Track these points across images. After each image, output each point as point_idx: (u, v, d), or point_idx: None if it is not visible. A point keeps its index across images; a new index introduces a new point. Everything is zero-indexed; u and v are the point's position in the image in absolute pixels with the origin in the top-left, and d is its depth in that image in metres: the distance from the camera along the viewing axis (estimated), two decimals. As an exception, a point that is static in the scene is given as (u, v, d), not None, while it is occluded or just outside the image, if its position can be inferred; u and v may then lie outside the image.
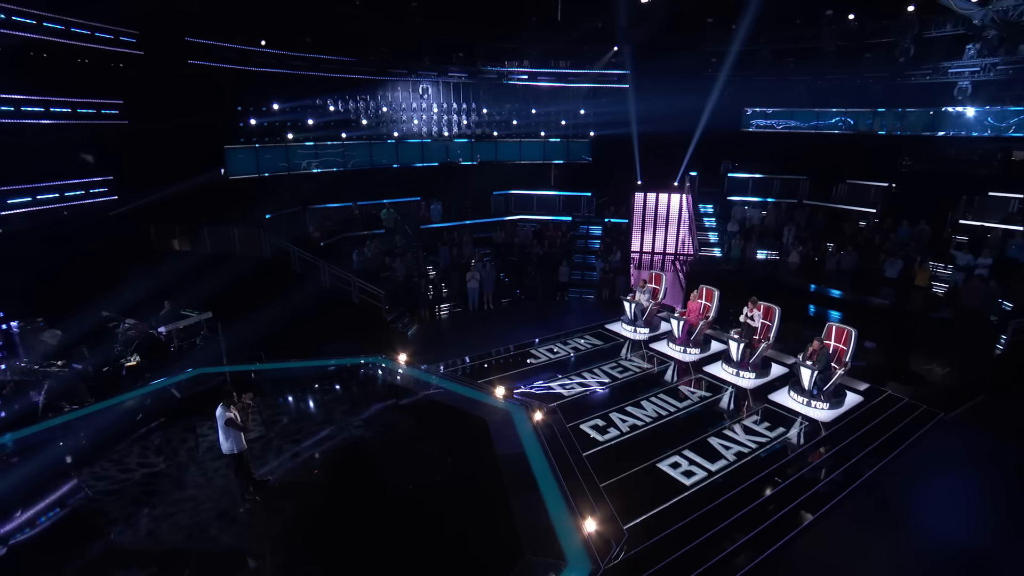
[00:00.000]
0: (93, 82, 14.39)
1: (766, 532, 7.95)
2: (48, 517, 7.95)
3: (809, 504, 8.60)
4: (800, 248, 17.35)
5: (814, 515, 8.39)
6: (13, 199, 12.76)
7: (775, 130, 23.16)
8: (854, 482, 9.16)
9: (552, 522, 7.50)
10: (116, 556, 7.19)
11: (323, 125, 20.10)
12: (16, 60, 12.60)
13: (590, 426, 10.50)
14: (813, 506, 8.57)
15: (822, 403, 11.01)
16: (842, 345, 11.45)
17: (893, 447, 10.15)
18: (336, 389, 11.90)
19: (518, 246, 20.99)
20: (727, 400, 11.71)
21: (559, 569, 6.72)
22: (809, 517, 8.35)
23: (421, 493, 8.23)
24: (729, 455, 9.59)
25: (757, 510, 8.35)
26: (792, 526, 8.16)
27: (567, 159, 25.09)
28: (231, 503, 8.09)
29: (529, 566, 6.77)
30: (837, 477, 9.28)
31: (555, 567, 6.75)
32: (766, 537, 7.85)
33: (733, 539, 7.76)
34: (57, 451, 9.41)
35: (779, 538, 7.86)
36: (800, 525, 8.19)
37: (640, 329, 15.16)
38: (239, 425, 7.98)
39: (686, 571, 7.14)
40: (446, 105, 23.04)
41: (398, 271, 17.79)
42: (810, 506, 8.56)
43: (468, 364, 13.47)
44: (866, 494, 9.01)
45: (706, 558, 7.38)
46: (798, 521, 8.27)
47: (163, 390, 11.46)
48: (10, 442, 9.63)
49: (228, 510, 7.98)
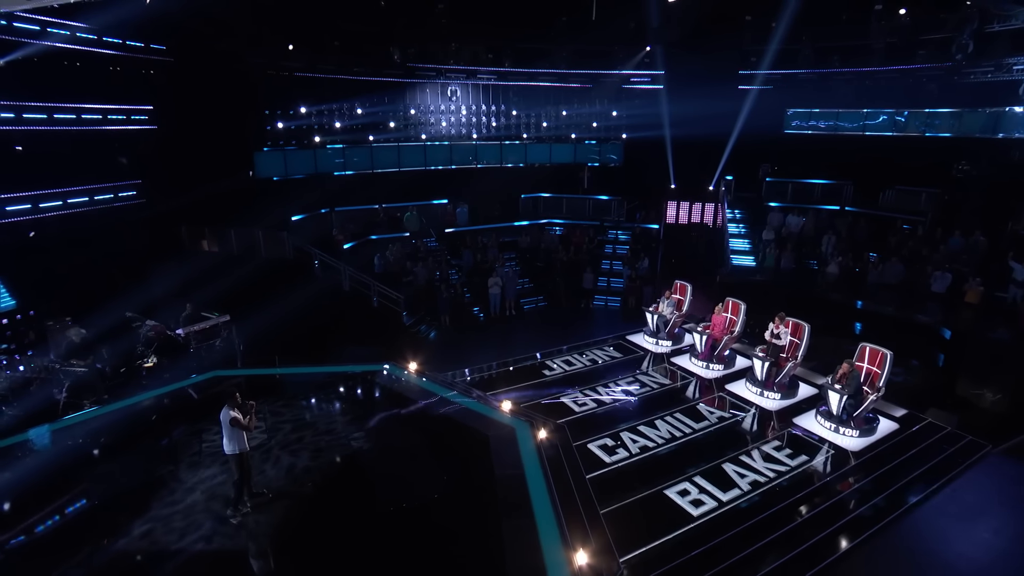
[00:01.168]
0: (124, 89, 14.84)
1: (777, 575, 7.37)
2: (50, 517, 8.10)
3: (829, 544, 7.93)
4: (839, 258, 16.32)
5: (833, 557, 7.73)
6: (45, 203, 13.24)
7: (818, 132, 21.95)
8: (883, 520, 8.41)
9: (542, 551, 7.13)
10: (106, 556, 7.22)
11: (350, 128, 20.21)
12: (50, 69, 13.07)
13: (598, 446, 10.06)
14: (833, 547, 7.90)
15: (851, 430, 10.21)
16: (876, 368, 10.61)
17: (931, 482, 9.33)
18: (342, 396, 11.83)
19: (543, 251, 20.62)
20: (748, 422, 11.05)
21: (543, 605, 6.36)
22: (828, 559, 7.69)
23: (413, 511, 8.00)
24: (744, 484, 8.98)
25: (769, 548, 7.75)
26: (808, 567, 7.53)
27: (598, 162, 24.54)
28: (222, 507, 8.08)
29: (512, 600, 6.44)
30: (864, 514, 8.56)
31: (539, 602, 6.39)
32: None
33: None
34: (68, 450, 9.65)
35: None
36: (817, 567, 7.55)
37: (662, 342, 14.55)
38: (243, 425, 7.97)
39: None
40: (474, 107, 22.83)
41: (419, 275, 17.70)
42: (830, 547, 7.89)
43: (480, 374, 13.22)
44: (896, 536, 8.25)
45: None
46: (815, 562, 7.63)
47: (178, 391, 11.62)
48: (41, 434, 9.96)
49: (219, 514, 7.97)
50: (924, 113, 19.84)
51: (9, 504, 8.37)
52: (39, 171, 12.99)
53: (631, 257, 19.66)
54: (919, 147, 19.71)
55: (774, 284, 16.36)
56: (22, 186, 12.82)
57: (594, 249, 20.66)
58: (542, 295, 19.45)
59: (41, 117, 12.84)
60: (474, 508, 8.06)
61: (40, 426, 10.21)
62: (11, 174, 12.66)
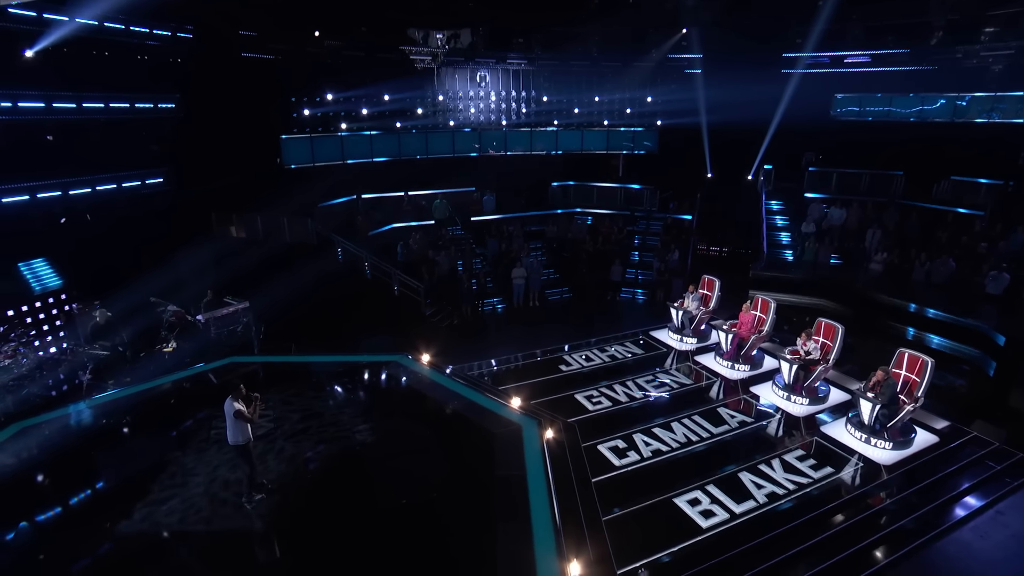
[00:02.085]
0: (151, 77, 15.10)
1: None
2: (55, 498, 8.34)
3: (849, 567, 7.36)
4: (884, 254, 15.26)
5: None
6: (74, 189, 13.62)
7: (869, 119, 20.57)
8: (912, 543, 7.77)
9: (535, 560, 6.84)
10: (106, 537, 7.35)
11: (377, 115, 20.11)
12: (79, 58, 13.37)
13: (608, 447, 9.67)
14: (854, 570, 7.33)
15: (884, 441, 9.48)
16: (915, 376, 9.79)
17: (972, 503, 8.58)
18: (352, 387, 11.77)
19: (570, 241, 20.13)
20: (771, 428, 10.43)
21: (528, 617, 6.09)
22: None
23: (410, 509, 7.83)
24: (760, 496, 8.43)
25: (781, 568, 7.24)
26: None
27: (631, 149, 23.76)
28: (226, 495, 8.13)
29: (498, 610, 6.19)
30: (891, 535, 7.92)
31: (525, 615, 6.12)
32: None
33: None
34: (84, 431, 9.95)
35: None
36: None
37: (687, 339, 13.95)
38: (247, 416, 7.96)
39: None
40: (504, 93, 22.38)
41: (442, 264, 17.53)
42: (850, 570, 7.32)
43: (495, 368, 12.96)
44: (927, 561, 7.61)
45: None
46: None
47: (194, 377, 11.80)
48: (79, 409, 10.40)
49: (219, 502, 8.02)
50: (988, 97, 18.28)
51: (17, 482, 8.65)
52: (68, 158, 13.36)
53: (661, 249, 18.96)
54: (981, 134, 18.27)
55: (812, 280, 15.43)
56: (52, 173, 13.21)
57: (623, 240, 20.03)
58: (567, 286, 19.02)
59: (70, 107, 13.17)
60: (471, 509, 7.82)
61: (73, 405, 10.57)
62: (42, 161, 13.07)
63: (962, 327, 12.44)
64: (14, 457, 9.24)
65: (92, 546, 7.30)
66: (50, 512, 8.09)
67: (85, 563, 7.04)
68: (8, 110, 12.02)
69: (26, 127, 12.66)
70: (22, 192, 12.67)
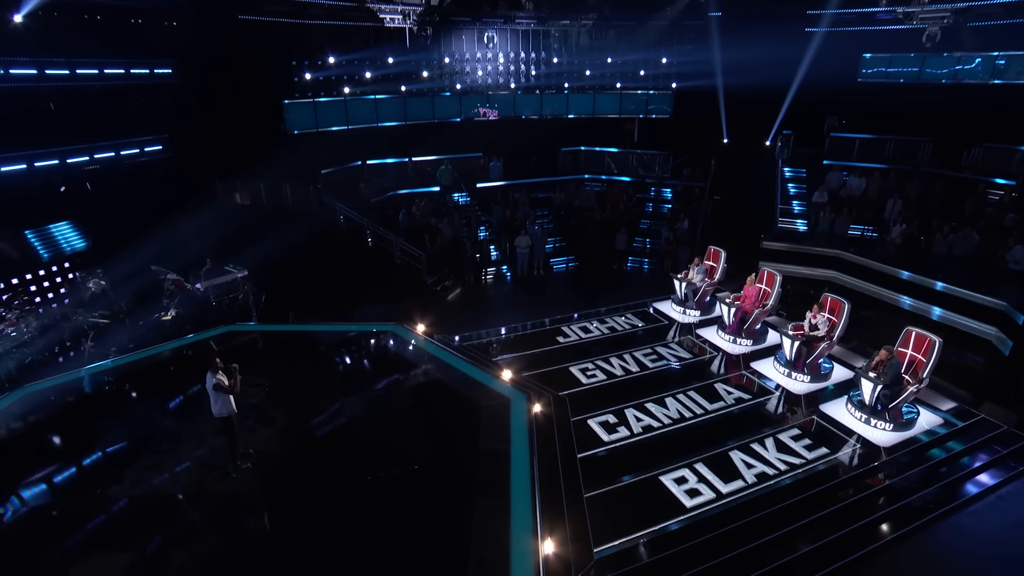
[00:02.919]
0: (146, 42, 14.79)
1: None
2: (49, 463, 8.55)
3: (836, 552, 7.18)
4: (903, 225, 14.55)
5: (835, 565, 7.00)
6: (72, 158, 13.58)
7: (899, 81, 19.39)
8: (903, 528, 7.55)
9: (510, 536, 6.81)
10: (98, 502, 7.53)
11: (381, 78, 19.59)
12: (70, 23, 13.11)
13: (598, 422, 9.52)
14: (839, 555, 7.15)
15: (885, 422, 9.16)
16: (921, 356, 9.38)
17: (972, 488, 8.30)
18: (345, 357, 11.78)
19: (577, 208, 19.66)
20: (768, 406, 10.15)
21: (498, 594, 6.07)
22: (829, 568, 6.97)
23: (390, 482, 7.84)
24: (749, 476, 8.23)
25: (763, 550, 7.09)
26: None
27: (645, 113, 22.91)
28: (215, 461, 8.25)
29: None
30: (884, 519, 7.70)
31: (495, 591, 6.10)
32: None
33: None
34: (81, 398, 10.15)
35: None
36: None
37: (690, 312, 13.61)
38: (228, 388, 8.00)
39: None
40: (513, 55, 21.60)
41: (445, 232, 17.28)
42: (835, 556, 7.14)
43: (491, 338, 12.81)
44: (917, 548, 7.38)
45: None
46: (813, 571, 6.94)
47: (193, 345, 11.92)
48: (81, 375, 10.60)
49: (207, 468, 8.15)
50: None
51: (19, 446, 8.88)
52: (65, 126, 13.26)
53: (670, 217, 18.41)
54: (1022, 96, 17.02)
55: (825, 252, 14.84)
56: (49, 141, 13.15)
57: (632, 207, 19.49)
58: (573, 255, 18.68)
59: (64, 73, 13.00)
60: (452, 483, 7.81)
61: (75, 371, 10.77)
62: (39, 129, 12.99)
63: (980, 305, 11.86)
64: (20, 421, 9.52)
65: (81, 510, 7.50)
66: (47, 474, 8.30)
67: (72, 526, 7.23)
68: (0, 77, 11.93)
69: (21, 95, 12.55)
70: (20, 160, 12.67)
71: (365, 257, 15.95)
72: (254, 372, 10.87)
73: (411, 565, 6.51)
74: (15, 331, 11.16)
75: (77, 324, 11.90)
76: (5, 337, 10.98)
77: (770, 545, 7.18)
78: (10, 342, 10.99)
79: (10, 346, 10.95)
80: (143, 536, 7.02)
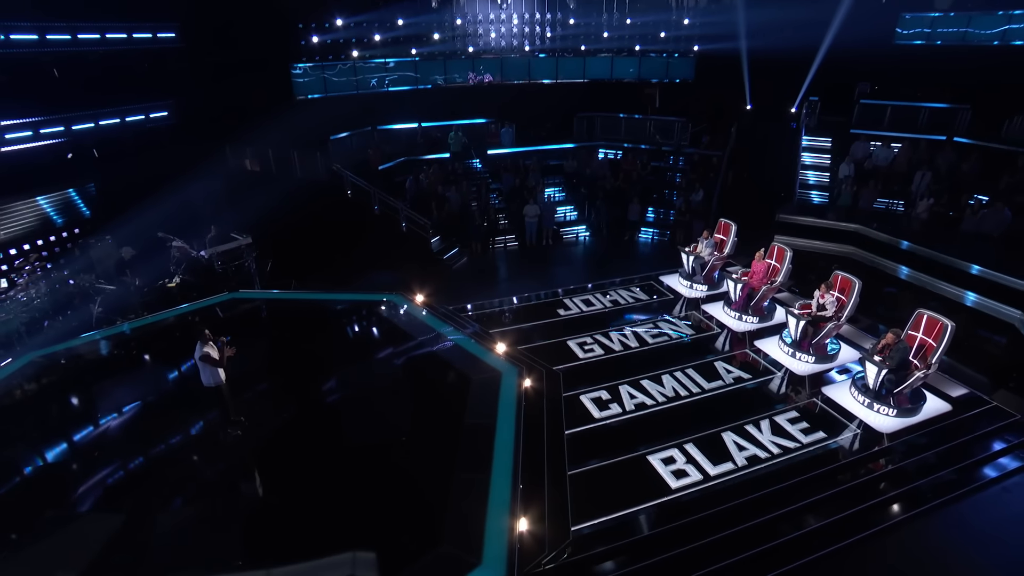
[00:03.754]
0: (148, 5, 14.56)
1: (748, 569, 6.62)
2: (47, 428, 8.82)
3: (826, 540, 7.00)
4: (930, 200, 13.77)
5: (819, 553, 6.82)
6: (77, 124, 13.60)
7: (940, 43, 18.12)
8: (903, 514, 7.32)
9: (487, 511, 6.78)
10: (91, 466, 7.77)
11: (391, 41, 19.11)
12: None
13: (591, 398, 9.38)
14: (828, 543, 6.97)
15: (889, 408, 8.80)
16: (932, 340, 8.92)
17: (976, 478, 7.98)
18: (342, 326, 11.80)
19: (589, 177, 19.15)
20: (769, 386, 9.85)
21: (468, 568, 6.06)
22: (814, 555, 6.80)
23: (374, 451, 7.88)
24: (740, 458, 8.03)
25: (744, 537, 6.94)
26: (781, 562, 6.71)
27: (665, 78, 21.98)
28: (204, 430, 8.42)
29: (438, 558, 6.19)
30: (876, 508, 7.46)
31: (466, 564, 6.09)
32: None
33: (693, 569, 6.54)
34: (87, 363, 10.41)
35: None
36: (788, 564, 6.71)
37: (697, 286, 13.24)
38: (215, 360, 8.07)
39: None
40: (528, 16, 20.81)
41: (452, 200, 17.05)
42: (827, 542, 6.96)
43: (489, 309, 12.68)
44: (911, 539, 7.14)
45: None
46: (793, 556, 6.78)
47: (196, 312, 12.06)
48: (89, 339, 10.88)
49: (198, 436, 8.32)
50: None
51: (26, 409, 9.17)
52: (69, 93, 13.24)
53: (685, 187, 17.81)
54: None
55: (843, 227, 14.18)
56: (54, 109, 13.17)
57: (646, 176, 18.90)
58: (584, 225, 18.30)
59: (65, 38, 12.89)
60: (434, 456, 7.80)
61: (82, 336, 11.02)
62: (43, 97, 13.00)
63: (1006, 286, 11.19)
64: (34, 383, 9.82)
65: (78, 471, 7.76)
66: (48, 436, 8.58)
67: (68, 486, 7.47)
68: (1, 43, 11.89)
69: (24, 62, 12.53)
70: (25, 128, 12.75)
71: (371, 225, 15.87)
72: (252, 339, 11.03)
73: (383, 537, 6.54)
74: (25, 295, 11.44)
75: (88, 289, 12.12)
76: (15, 301, 11.27)
77: (755, 530, 7.03)
78: (20, 306, 11.28)
79: (21, 310, 11.24)
80: (133, 498, 7.22)
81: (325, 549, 6.31)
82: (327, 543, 6.40)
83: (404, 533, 6.59)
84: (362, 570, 6.09)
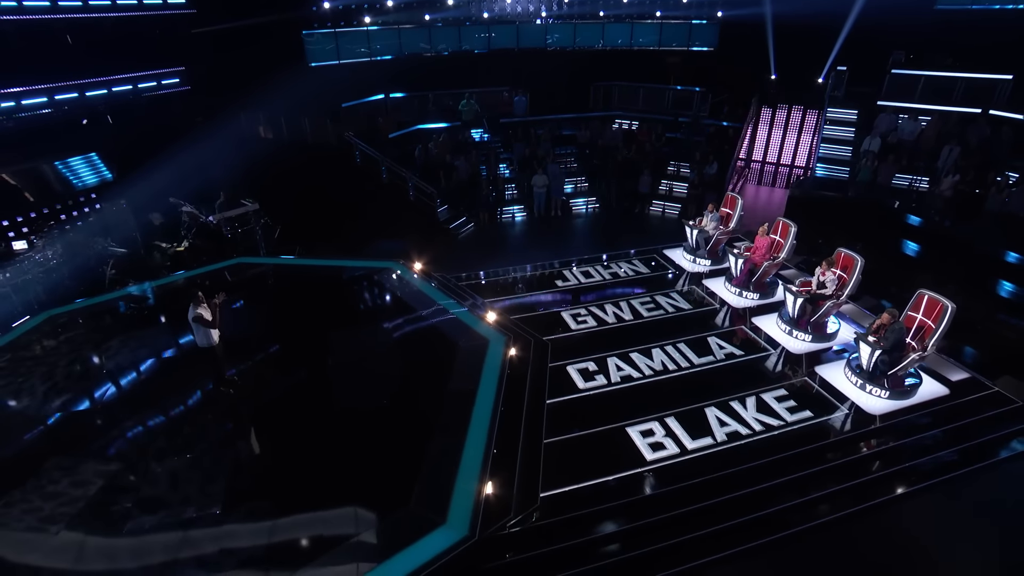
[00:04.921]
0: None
1: (711, 545, 6.64)
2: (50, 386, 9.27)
3: (793, 521, 6.95)
4: (955, 177, 13.11)
5: (784, 532, 6.78)
6: (91, 91, 13.88)
7: (977, 6, 16.98)
8: (871, 500, 7.20)
9: (457, 474, 6.94)
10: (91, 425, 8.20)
11: (404, 6, 18.86)
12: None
13: (577, 369, 9.37)
14: (793, 523, 6.92)
15: (881, 390, 8.58)
16: (931, 322, 8.60)
17: (970, 464, 7.75)
18: (341, 293, 11.96)
19: (602, 147, 18.78)
20: (761, 364, 9.69)
21: (432, 527, 6.23)
22: (774, 536, 6.77)
23: (357, 414, 8.09)
24: (720, 434, 7.96)
25: (712, 512, 6.94)
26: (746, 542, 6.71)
27: (687, 45, 21.21)
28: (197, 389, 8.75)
29: (404, 518, 6.38)
30: (848, 492, 7.31)
31: (429, 524, 6.27)
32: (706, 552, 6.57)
33: (656, 539, 6.59)
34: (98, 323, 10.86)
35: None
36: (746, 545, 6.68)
37: (700, 260, 12.99)
38: (207, 322, 8.33)
39: (577, 563, 6.28)
40: (545, -21, 20.24)
41: (462, 169, 16.98)
42: (794, 522, 6.92)
43: (489, 279, 12.69)
44: (888, 531, 7.02)
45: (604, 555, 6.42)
46: (765, 532, 6.77)
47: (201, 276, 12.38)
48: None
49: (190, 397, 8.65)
50: None
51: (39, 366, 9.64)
52: (82, 60, 13.48)
53: (700, 160, 17.33)
54: None
55: (858, 203, 13.65)
56: (67, 75, 13.45)
57: (660, 148, 18.43)
58: (594, 196, 18.03)
59: (77, 4, 13.08)
60: (412, 422, 7.96)
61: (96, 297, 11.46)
62: (57, 64, 13.27)
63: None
64: (52, 339, 10.31)
65: (77, 425, 8.19)
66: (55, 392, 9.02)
67: (68, 439, 7.90)
68: (13, 9, 12.13)
69: (38, 28, 12.78)
70: (40, 94, 13.08)
71: (379, 193, 15.95)
72: (253, 303, 11.33)
73: (355, 496, 6.73)
74: (42, 257, 11.94)
75: (101, 252, 12.57)
76: (33, 263, 11.78)
77: (725, 505, 7.01)
78: (38, 267, 11.78)
79: (38, 271, 11.75)
80: (127, 451, 7.60)
81: (296, 506, 6.55)
82: (299, 500, 6.64)
83: (374, 493, 6.78)
84: (329, 527, 6.32)
